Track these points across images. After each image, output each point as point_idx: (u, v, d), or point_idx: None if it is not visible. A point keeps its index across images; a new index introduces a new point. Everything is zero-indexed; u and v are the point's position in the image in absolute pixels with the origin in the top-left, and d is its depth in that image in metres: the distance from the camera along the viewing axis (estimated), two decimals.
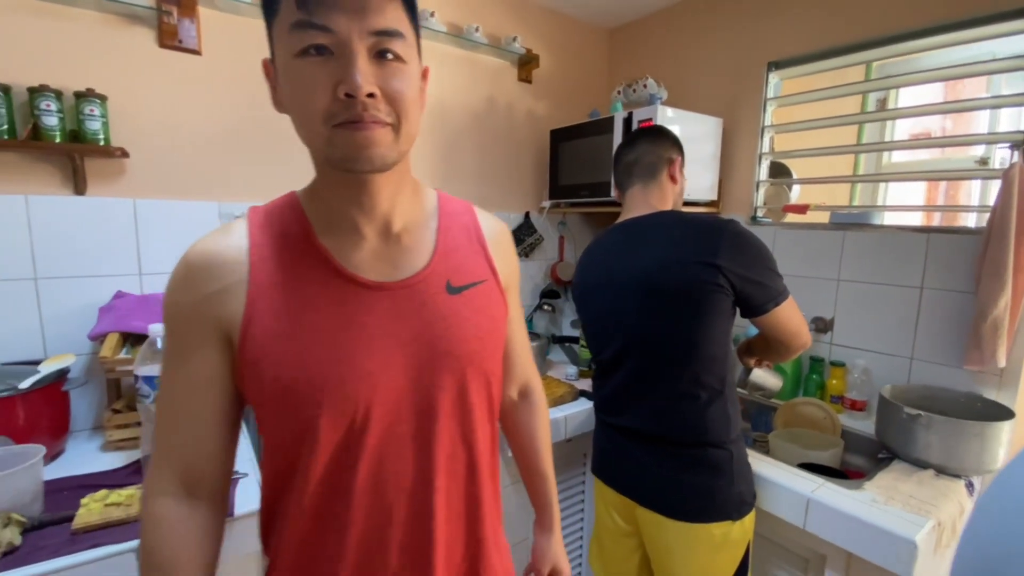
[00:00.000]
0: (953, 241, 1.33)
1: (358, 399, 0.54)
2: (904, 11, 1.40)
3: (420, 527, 0.58)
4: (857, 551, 0.99)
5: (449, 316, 0.59)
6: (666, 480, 1.05)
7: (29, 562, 0.80)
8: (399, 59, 0.50)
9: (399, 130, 0.52)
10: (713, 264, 0.97)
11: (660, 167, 1.16)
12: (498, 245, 0.68)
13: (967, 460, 1.12)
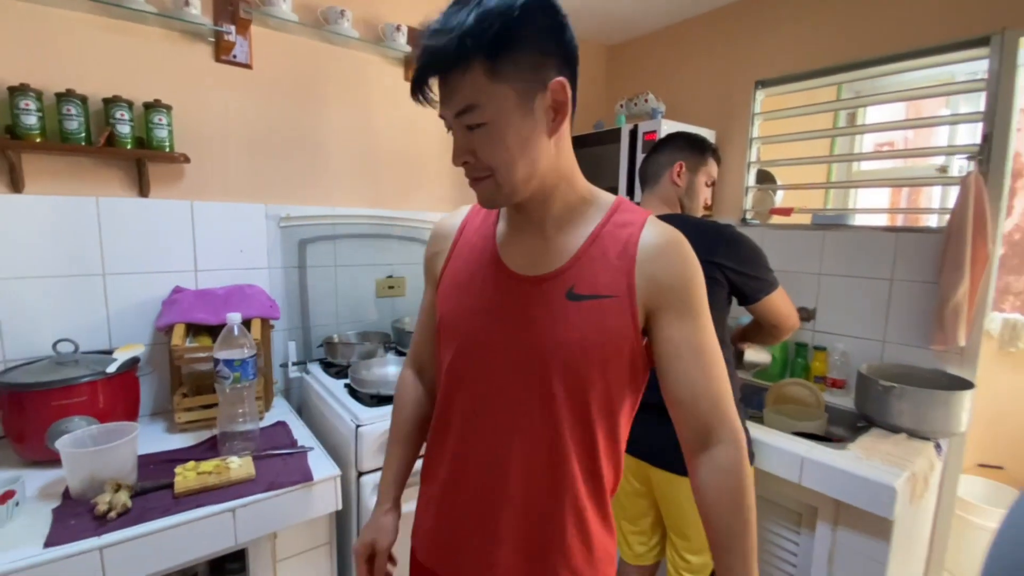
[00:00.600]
0: (918, 239, 1.54)
1: (465, 340, 0.70)
2: (873, 39, 1.61)
3: (491, 478, 0.68)
4: (846, 499, 1.17)
5: (557, 318, 0.64)
6: (674, 442, 1.20)
7: (142, 521, 0.91)
8: (480, 125, 0.58)
9: (498, 179, 0.61)
10: (711, 261, 1.13)
11: (662, 173, 1.31)
12: (653, 261, 0.63)
13: (935, 424, 1.32)
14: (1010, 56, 1.38)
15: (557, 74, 0.58)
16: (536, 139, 0.60)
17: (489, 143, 0.59)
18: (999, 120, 1.40)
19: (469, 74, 0.55)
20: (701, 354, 0.64)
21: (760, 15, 1.87)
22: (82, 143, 1.21)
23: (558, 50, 0.59)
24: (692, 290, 0.64)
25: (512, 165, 0.60)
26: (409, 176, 1.85)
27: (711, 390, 0.64)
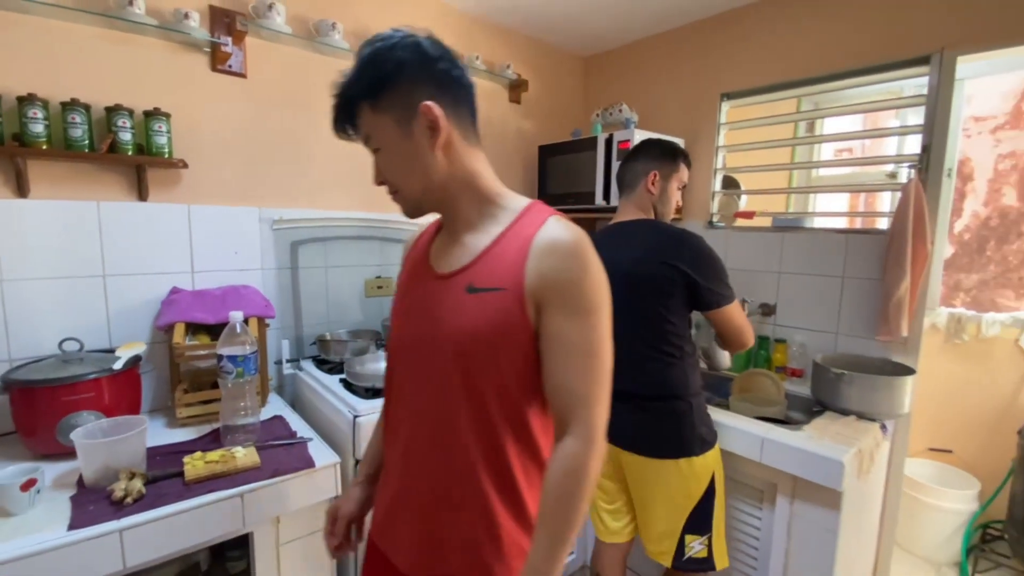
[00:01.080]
0: (866, 240, 1.69)
1: (393, 341, 0.80)
2: (828, 56, 1.76)
3: (408, 465, 0.76)
4: (800, 474, 1.30)
5: (456, 310, 0.70)
6: (641, 427, 1.30)
7: (157, 506, 0.98)
8: (378, 150, 0.71)
9: (401, 193, 0.73)
10: (671, 264, 1.27)
11: (638, 181, 1.42)
12: (542, 258, 0.67)
13: (880, 407, 1.46)
14: (947, 74, 1.54)
15: (428, 99, 0.67)
16: (421, 155, 0.69)
17: (386, 164, 0.72)
18: (937, 132, 1.56)
19: (361, 113, 0.70)
20: (572, 351, 0.67)
21: (725, 32, 2.01)
22: (86, 150, 1.26)
23: (430, 79, 0.68)
24: (579, 289, 0.67)
25: (405, 180, 0.72)
26: None
27: (572, 386, 0.67)
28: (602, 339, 0.69)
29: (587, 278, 0.68)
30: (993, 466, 2.21)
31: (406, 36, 0.68)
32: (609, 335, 0.70)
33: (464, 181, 0.73)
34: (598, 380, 0.68)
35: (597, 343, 0.68)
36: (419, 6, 1.89)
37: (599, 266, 0.70)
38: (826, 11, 1.75)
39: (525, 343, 0.68)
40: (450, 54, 0.71)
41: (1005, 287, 2.38)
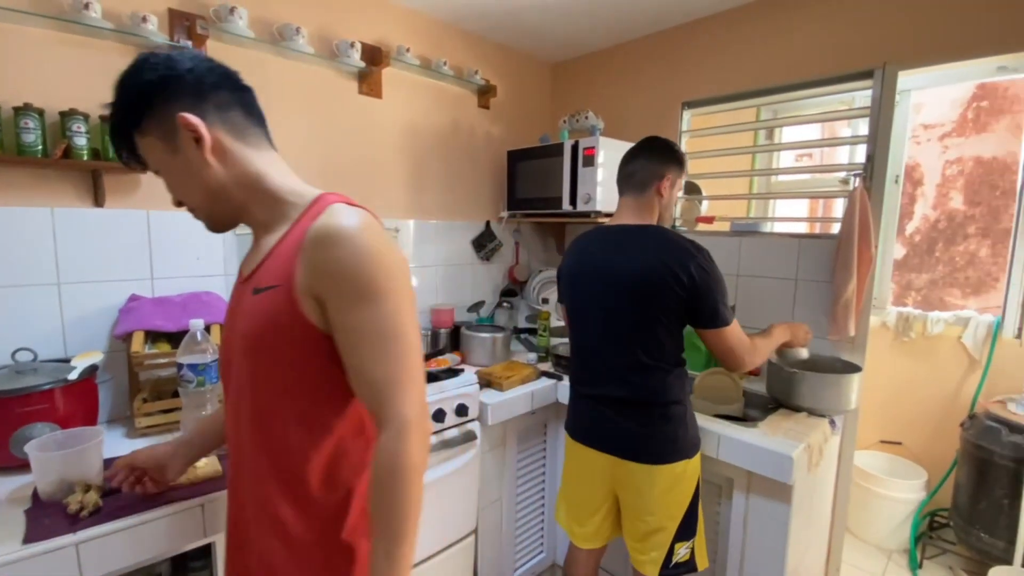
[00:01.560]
0: (817, 244, 1.77)
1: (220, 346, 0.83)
2: (783, 67, 1.84)
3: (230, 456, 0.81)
4: (754, 469, 1.36)
5: (243, 312, 0.72)
6: (640, 434, 1.29)
7: (114, 519, 0.97)
8: (159, 172, 0.73)
9: (193, 210, 0.75)
10: (680, 278, 1.22)
11: (650, 183, 1.35)
12: (315, 249, 0.65)
13: (828, 403, 1.54)
14: (889, 87, 1.63)
15: (182, 110, 0.67)
16: (195, 168, 0.69)
17: (171, 184, 0.73)
18: (880, 141, 1.65)
19: (133, 140, 0.71)
20: (367, 340, 0.64)
21: (686, 42, 2.08)
22: (39, 155, 1.23)
23: (183, 92, 0.67)
24: (362, 275, 0.64)
25: (190, 195, 0.73)
26: (365, 184, 1.93)
27: (373, 376, 0.64)
28: (401, 322, 0.66)
29: (368, 262, 0.64)
30: (939, 457, 2.33)
31: (153, 56, 0.68)
32: (410, 317, 0.68)
33: (249, 185, 0.72)
34: (402, 363, 0.66)
35: (395, 327, 0.65)
36: (385, 11, 1.89)
37: (386, 247, 0.67)
38: (781, 25, 1.83)
39: (309, 340, 0.67)
40: (206, 62, 0.70)
41: (952, 286, 2.52)
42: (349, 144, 1.86)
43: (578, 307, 1.41)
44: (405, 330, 0.67)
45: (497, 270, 2.44)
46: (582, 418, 1.41)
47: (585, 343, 1.40)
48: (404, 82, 1.98)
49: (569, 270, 1.43)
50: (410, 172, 2.07)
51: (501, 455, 1.76)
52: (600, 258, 1.35)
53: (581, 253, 1.41)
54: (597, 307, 1.34)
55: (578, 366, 1.43)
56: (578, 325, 1.42)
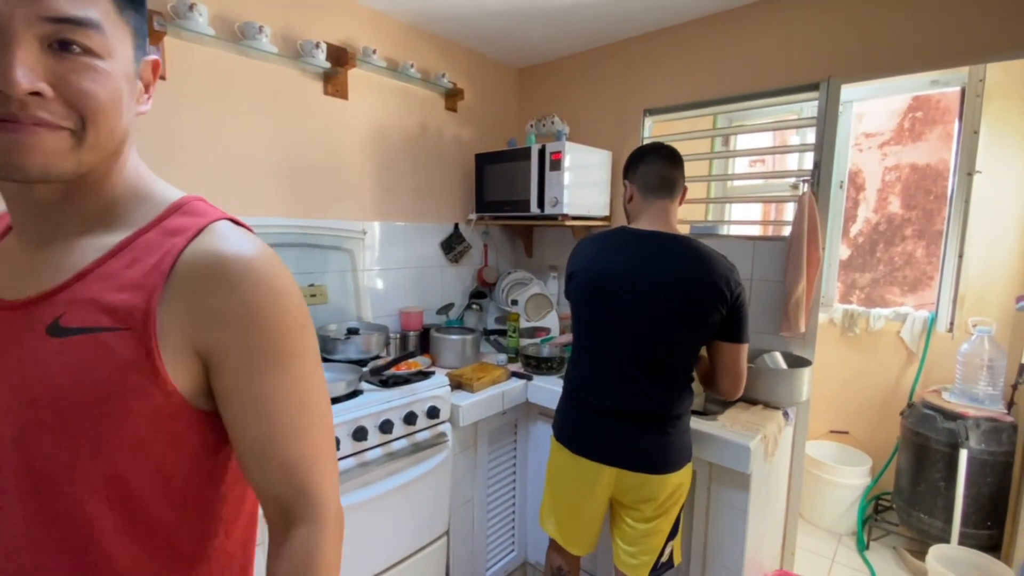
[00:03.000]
0: (770, 246, 1.87)
1: None
2: (737, 79, 1.93)
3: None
4: (715, 460, 1.43)
5: (28, 362, 0.45)
6: (655, 446, 1.28)
7: None
8: (90, 53, 0.43)
9: (82, 137, 0.44)
10: (725, 295, 1.21)
11: (679, 191, 1.36)
12: (201, 282, 0.46)
13: (782, 396, 1.63)
14: (834, 99, 1.74)
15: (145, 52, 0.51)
16: (129, 105, 0.49)
17: (93, 83, 0.44)
18: (825, 150, 1.76)
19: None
20: (279, 413, 0.48)
21: (647, 52, 2.15)
22: None
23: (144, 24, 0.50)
24: (276, 328, 0.48)
25: (112, 125, 0.46)
26: (331, 186, 1.90)
27: (289, 455, 0.49)
28: (314, 386, 0.52)
29: (281, 310, 0.49)
30: (882, 444, 2.50)
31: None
32: (321, 377, 0.54)
33: (124, 158, 0.52)
34: (321, 439, 0.52)
35: (312, 392, 0.51)
36: (351, 13, 1.88)
37: (294, 290, 0.51)
38: (736, 39, 1.92)
39: (161, 412, 0.46)
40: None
41: (892, 284, 2.70)
42: (314, 145, 1.84)
43: (599, 315, 1.32)
44: (322, 394, 0.53)
45: (466, 272, 2.45)
46: (585, 431, 1.33)
47: (602, 351, 1.31)
48: (371, 83, 1.97)
49: (589, 275, 1.32)
50: (377, 174, 2.05)
51: (472, 456, 1.77)
52: (630, 266, 1.27)
53: (603, 257, 1.32)
54: (624, 316, 1.27)
55: (586, 374, 1.35)
56: (595, 333, 1.33)
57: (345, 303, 1.96)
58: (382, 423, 1.43)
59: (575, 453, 1.34)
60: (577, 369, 1.39)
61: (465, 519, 1.78)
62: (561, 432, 1.40)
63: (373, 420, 1.41)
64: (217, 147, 1.58)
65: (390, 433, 1.45)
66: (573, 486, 1.37)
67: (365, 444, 1.39)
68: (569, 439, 1.36)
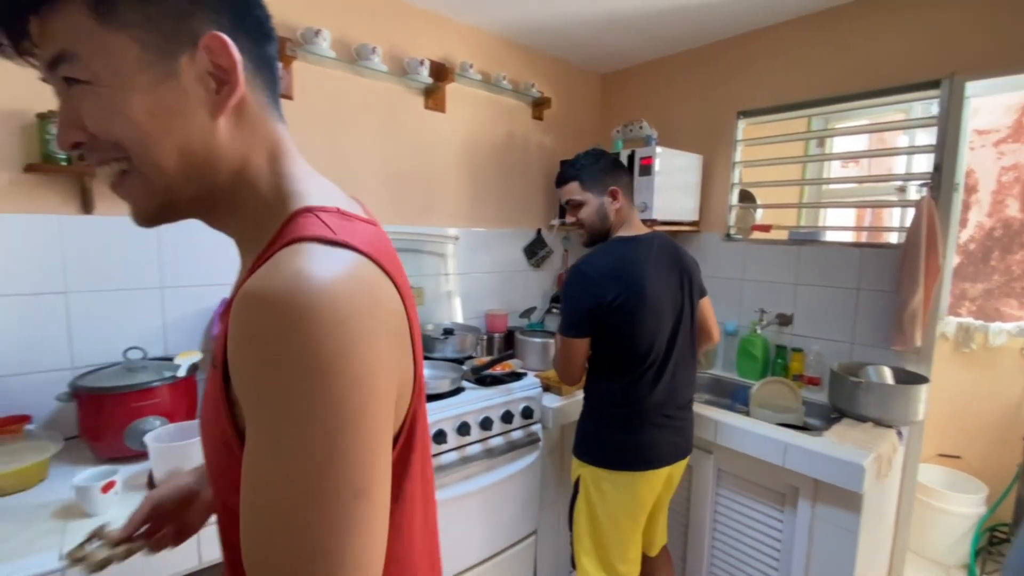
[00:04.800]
0: (879, 254, 1.76)
1: None
2: (840, 77, 1.84)
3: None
4: (823, 477, 1.37)
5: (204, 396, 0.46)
6: (690, 431, 1.47)
7: None
8: (79, 81, 0.40)
9: (136, 162, 0.42)
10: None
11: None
12: (233, 320, 0.38)
13: (896, 414, 1.53)
14: (957, 98, 1.62)
15: (212, 27, 0.42)
16: (186, 115, 0.42)
17: (98, 108, 0.40)
18: (947, 152, 1.64)
19: (62, 9, 0.39)
20: (248, 476, 0.37)
21: (741, 52, 2.10)
22: None
23: (227, 6, 0.43)
24: (260, 369, 0.36)
25: (148, 142, 0.41)
26: (426, 194, 2.01)
27: (247, 536, 0.37)
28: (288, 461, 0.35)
29: (281, 355, 0.35)
30: (1000, 471, 2.27)
31: None
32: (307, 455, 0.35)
33: (251, 174, 0.46)
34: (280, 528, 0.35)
35: (272, 471, 0.36)
36: (452, 30, 1.98)
37: (317, 332, 0.35)
38: (840, 36, 1.84)
39: (230, 452, 0.41)
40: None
41: (1009, 296, 2.45)
42: (414, 156, 1.95)
43: (653, 328, 1.33)
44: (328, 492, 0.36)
45: (547, 277, 2.49)
46: (643, 444, 1.34)
47: (660, 359, 1.34)
48: (466, 96, 2.06)
49: (633, 294, 1.30)
50: (468, 182, 2.14)
51: (559, 458, 1.80)
52: (660, 272, 1.37)
53: (638, 272, 1.32)
54: (672, 321, 1.37)
55: (645, 391, 1.34)
56: (646, 349, 1.33)
57: (438, 305, 2.06)
58: (482, 420, 1.49)
59: (634, 470, 1.33)
60: (641, 387, 1.34)
61: (551, 520, 1.81)
62: (615, 458, 1.34)
63: (475, 417, 1.48)
64: (336, 160, 1.71)
65: (489, 430, 1.51)
66: (629, 507, 1.35)
67: (468, 439, 1.46)
68: (636, 461, 1.34)
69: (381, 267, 0.42)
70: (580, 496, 1.41)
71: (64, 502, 1.03)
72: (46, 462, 1.13)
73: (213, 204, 0.47)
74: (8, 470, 1.05)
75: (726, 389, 2.04)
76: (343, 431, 0.36)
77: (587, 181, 1.40)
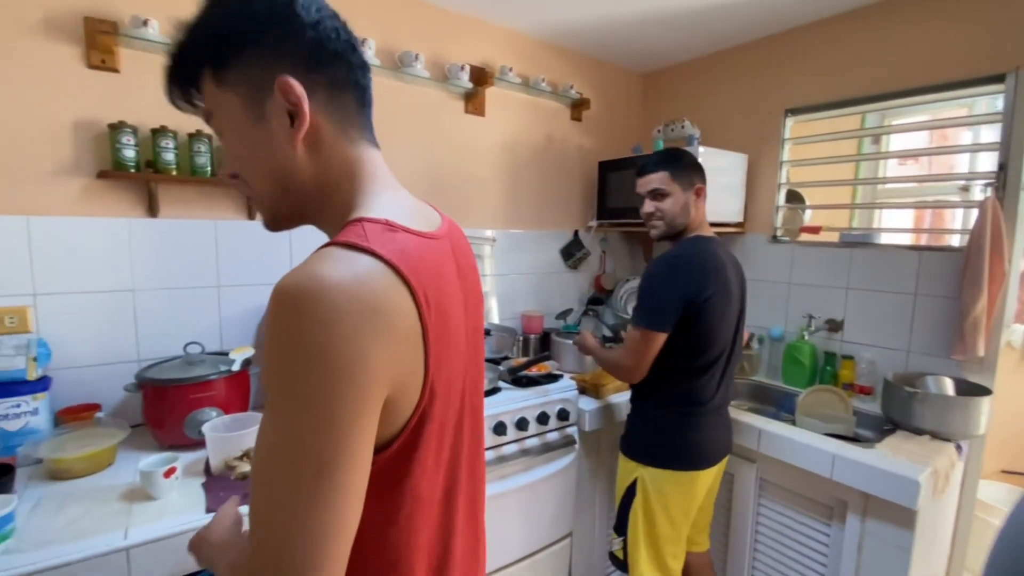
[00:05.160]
0: (940, 257, 1.67)
1: None
2: (896, 73, 1.76)
3: None
4: (874, 492, 1.31)
5: None
6: (731, 426, 1.52)
7: None
8: (223, 134, 0.55)
9: (253, 197, 0.56)
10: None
11: None
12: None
13: (955, 427, 1.45)
14: (1023, 92, 1.52)
15: (287, 72, 0.50)
16: (273, 146, 0.52)
17: (231, 152, 0.55)
18: (1013, 150, 1.54)
19: (203, 83, 0.53)
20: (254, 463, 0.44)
21: (790, 48, 2.03)
22: (207, 175, 1.42)
23: (297, 49, 0.51)
24: (267, 357, 0.43)
25: (255, 177, 0.55)
26: (465, 196, 2.04)
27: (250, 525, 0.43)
28: (280, 439, 0.42)
29: (280, 340, 0.42)
30: None
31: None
32: (296, 436, 0.41)
33: (330, 187, 0.55)
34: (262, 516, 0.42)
35: (272, 443, 0.42)
36: (492, 35, 2.00)
37: (307, 324, 0.41)
38: (895, 29, 1.75)
39: None
40: (335, 20, 0.54)
41: None
42: (453, 160, 1.98)
43: (725, 327, 1.37)
44: (281, 456, 0.42)
45: (584, 278, 2.48)
46: (702, 442, 1.38)
47: (724, 358, 1.40)
48: (505, 100, 2.08)
49: (718, 292, 1.33)
50: (506, 184, 2.16)
51: (595, 461, 1.79)
52: (732, 274, 1.42)
53: (722, 274, 1.36)
54: (737, 321, 1.43)
55: (709, 384, 1.38)
56: (721, 344, 1.38)
57: None
58: (518, 420, 1.51)
59: (697, 468, 1.37)
60: (704, 389, 1.38)
61: (587, 523, 1.80)
62: (675, 457, 1.36)
63: (511, 417, 1.49)
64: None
65: (525, 431, 1.52)
66: (685, 506, 1.39)
67: (504, 439, 1.48)
68: (694, 459, 1.37)
69: (400, 274, 0.47)
70: (637, 498, 1.40)
71: (129, 485, 1.11)
72: (115, 447, 1.21)
73: (311, 215, 0.58)
74: (81, 454, 1.14)
75: (770, 396, 1.98)
76: (313, 415, 0.41)
77: (676, 174, 1.40)
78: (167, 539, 0.96)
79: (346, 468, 0.42)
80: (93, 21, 1.28)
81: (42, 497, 1.05)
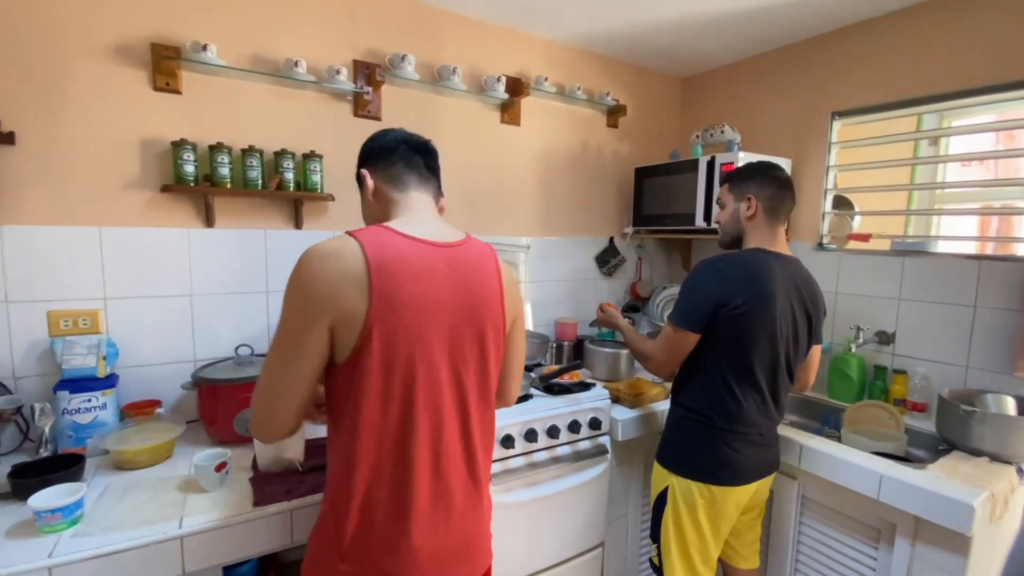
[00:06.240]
0: (1004, 267, 1.56)
1: None
2: (958, 72, 1.66)
3: None
4: (925, 515, 1.24)
5: None
6: (778, 446, 1.46)
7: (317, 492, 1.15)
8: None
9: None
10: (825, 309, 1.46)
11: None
12: None
13: (1017, 449, 1.35)
14: None
15: (367, 166, 0.95)
16: (365, 198, 0.97)
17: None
18: None
19: (361, 173, 0.96)
20: None
21: (836, 50, 1.96)
22: (258, 188, 1.51)
23: (372, 156, 0.95)
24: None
25: (363, 213, 1.00)
26: (500, 205, 2.07)
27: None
28: (276, 334, 0.79)
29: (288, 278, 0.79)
30: None
31: (377, 132, 0.98)
32: (281, 332, 0.78)
33: (384, 215, 0.92)
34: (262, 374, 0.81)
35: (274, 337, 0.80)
36: (528, 45, 2.03)
37: (300, 266, 0.76)
38: (949, 26, 1.66)
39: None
40: (396, 136, 0.95)
41: None
42: (489, 169, 2.02)
43: (765, 342, 1.30)
44: (274, 345, 0.79)
45: (619, 285, 2.46)
46: (736, 460, 1.33)
47: (767, 375, 1.33)
48: (541, 109, 2.10)
49: (757, 305, 1.28)
50: (541, 192, 2.18)
51: (628, 472, 1.78)
52: (784, 290, 1.31)
53: (775, 276, 1.30)
54: (783, 339, 1.33)
55: (746, 406, 1.32)
56: (761, 359, 1.32)
57: None
58: (549, 428, 1.51)
59: (730, 486, 1.34)
60: (742, 407, 1.32)
61: (619, 534, 1.79)
62: (711, 471, 1.34)
63: (542, 424, 1.51)
64: None
65: (556, 439, 1.53)
66: (717, 520, 1.36)
67: (534, 446, 1.49)
68: (723, 476, 1.33)
69: (364, 251, 0.76)
70: (668, 506, 1.39)
71: (185, 477, 1.19)
72: (172, 442, 1.31)
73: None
74: (144, 446, 1.23)
75: (815, 411, 1.90)
76: (284, 319, 0.78)
77: (733, 184, 1.42)
78: (217, 530, 1.03)
79: (300, 356, 0.76)
80: (159, 47, 1.39)
81: (108, 485, 1.15)
